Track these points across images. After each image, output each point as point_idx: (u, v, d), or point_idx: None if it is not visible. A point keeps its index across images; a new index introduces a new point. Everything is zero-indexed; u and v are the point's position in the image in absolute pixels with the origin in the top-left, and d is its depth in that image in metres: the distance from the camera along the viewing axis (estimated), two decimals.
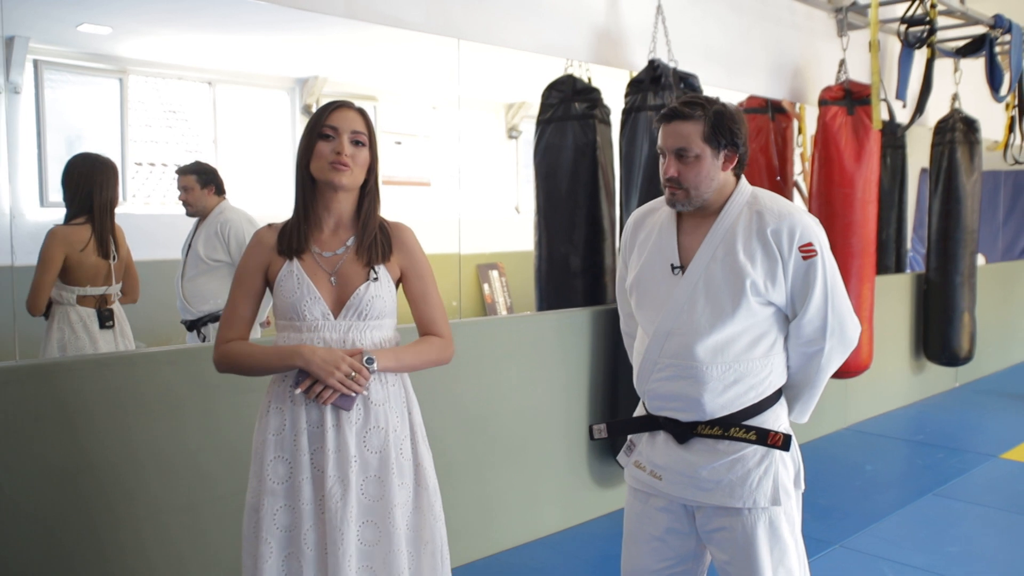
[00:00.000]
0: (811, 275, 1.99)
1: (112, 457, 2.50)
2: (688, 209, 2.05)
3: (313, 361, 1.89)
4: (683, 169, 2.00)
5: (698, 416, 2.02)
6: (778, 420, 2.06)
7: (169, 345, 3.26)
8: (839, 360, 2.09)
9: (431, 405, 3.28)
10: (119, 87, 7.05)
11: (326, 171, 1.96)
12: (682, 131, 1.99)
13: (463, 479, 3.39)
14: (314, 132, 1.97)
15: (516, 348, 3.62)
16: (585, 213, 3.95)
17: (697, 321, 2.00)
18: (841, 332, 2.05)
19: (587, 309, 3.88)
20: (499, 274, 9.30)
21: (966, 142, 5.97)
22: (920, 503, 4.14)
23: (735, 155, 2.04)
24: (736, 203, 2.04)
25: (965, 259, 6.04)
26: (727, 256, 2.00)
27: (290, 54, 7.23)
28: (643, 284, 2.11)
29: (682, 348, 2.01)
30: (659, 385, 2.06)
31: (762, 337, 2.03)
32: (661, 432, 2.09)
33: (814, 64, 5.15)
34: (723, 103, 2.05)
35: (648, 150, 3.66)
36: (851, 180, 4.74)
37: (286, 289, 1.95)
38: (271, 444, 1.95)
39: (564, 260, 3.97)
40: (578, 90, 3.97)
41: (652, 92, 3.68)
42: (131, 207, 7.05)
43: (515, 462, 3.59)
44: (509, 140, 9.44)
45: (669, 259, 2.07)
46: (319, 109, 2.02)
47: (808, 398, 2.14)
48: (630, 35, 4.09)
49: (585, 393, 3.86)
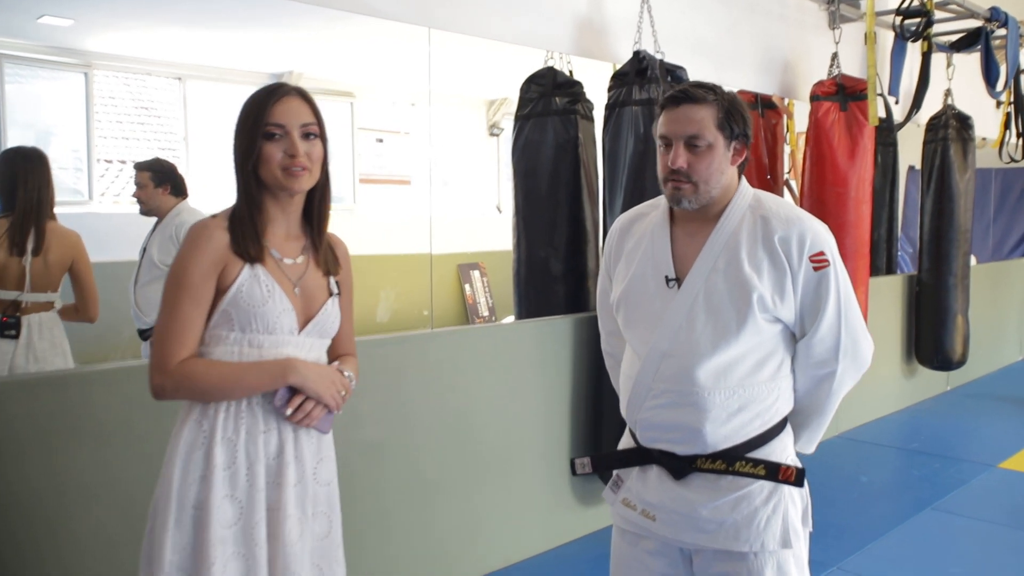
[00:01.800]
0: (823, 288, 1.76)
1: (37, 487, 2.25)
2: (694, 207, 1.80)
3: (310, 377, 1.70)
4: (693, 160, 1.76)
5: (698, 449, 1.78)
6: (785, 451, 1.84)
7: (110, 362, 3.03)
8: (851, 383, 1.87)
9: (404, 421, 3.07)
10: (84, 82, 6.79)
11: (280, 178, 1.70)
12: (694, 115, 1.76)
13: (438, 499, 3.16)
14: (256, 131, 1.69)
15: (494, 359, 3.39)
16: (567, 214, 3.73)
17: (697, 341, 1.76)
18: (855, 352, 1.83)
19: (569, 317, 3.66)
20: (480, 274, 9.08)
21: (959, 139, 5.78)
22: (919, 518, 3.94)
23: (744, 148, 1.81)
24: (738, 206, 1.81)
25: (958, 260, 5.85)
26: (730, 267, 1.76)
27: (263, 49, 7.00)
28: (632, 299, 1.87)
29: (680, 372, 1.77)
30: (653, 414, 1.82)
31: (768, 358, 1.80)
32: (654, 466, 1.85)
33: (805, 58, 4.95)
34: (731, 92, 1.82)
35: (634, 147, 3.44)
36: (844, 179, 4.54)
37: (252, 297, 1.67)
38: (218, 482, 1.64)
39: (544, 264, 3.74)
40: (559, 83, 3.74)
41: (638, 85, 3.46)
42: (98, 206, 6.80)
43: (494, 481, 3.36)
44: (490, 137, 9.23)
45: (662, 270, 1.83)
46: (254, 98, 1.71)
47: (817, 426, 1.91)
48: (614, 26, 3.86)
49: (567, 406, 3.63)
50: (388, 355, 3.00)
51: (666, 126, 1.81)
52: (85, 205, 6.88)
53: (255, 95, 1.72)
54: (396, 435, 3.02)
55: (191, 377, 1.65)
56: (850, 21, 4.98)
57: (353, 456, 2.88)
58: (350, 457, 2.85)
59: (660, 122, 1.83)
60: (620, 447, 1.96)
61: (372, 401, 2.94)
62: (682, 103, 1.79)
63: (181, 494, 1.64)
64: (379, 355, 2.96)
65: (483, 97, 9.06)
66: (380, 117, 8.59)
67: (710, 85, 1.82)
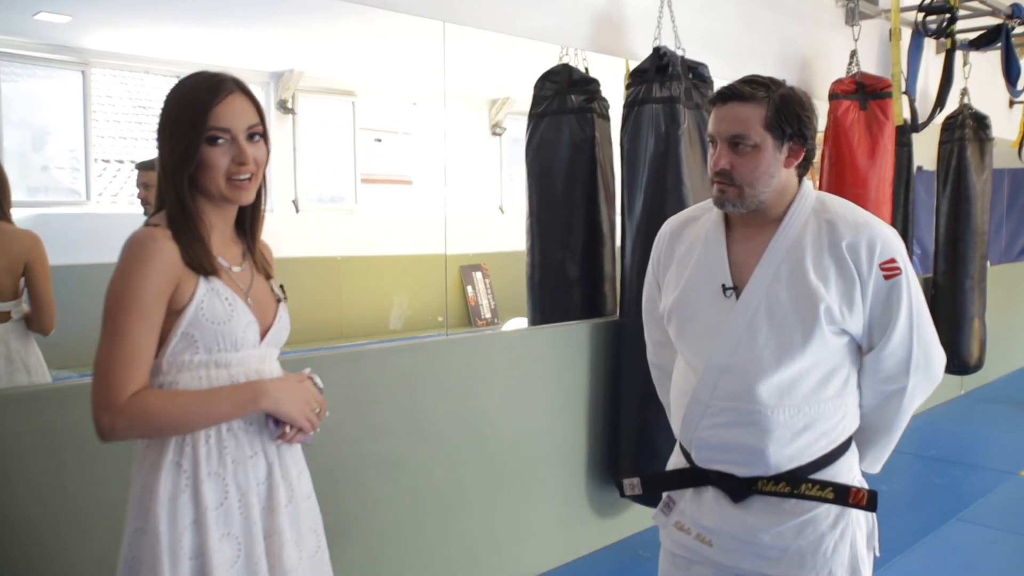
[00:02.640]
0: (894, 298, 1.64)
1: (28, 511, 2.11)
2: (740, 211, 1.68)
3: (282, 400, 1.53)
4: (737, 161, 1.64)
5: (760, 470, 1.66)
6: (851, 471, 1.71)
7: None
8: (922, 399, 1.74)
9: (414, 431, 2.94)
10: (82, 80, 6.66)
11: (223, 188, 1.51)
12: (739, 114, 1.64)
13: (451, 512, 3.03)
14: (195, 134, 1.48)
15: (508, 366, 3.26)
16: (583, 215, 3.60)
17: (759, 355, 1.64)
18: (927, 366, 1.70)
19: (586, 322, 3.53)
20: (483, 275, 8.97)
21: (976, 139, 5.66)
22: (945, 530, 3.82)
23: (801, 149, 1.68)
24: (801, 210, 1.68)
25: (975, 262, 5.73)
26: (793, 275, 1.64)
27: (264, 47, 6.89)
28: (686, 309, 1.75)
29: (740, 388, 1.65)
30: (711, 433, 1.69)
31: (834, 373, 1.67)
32: (710, 488, 1.73)
33: (822, 55, 4.83)
34: (791, 86, 1.69)
35: (654, 147, 3.31)
36: (864, 179, 4.42)
37: (215, 314, 1.49)
38: (212, 524, 1.47)
39: (560, 267, 3.61)
40: (574, 81, 3.62)
41: (658, 83, 3.33)
42: (96, 206, 6.68)
43: (509, 492, 3.24)
44: (493, 137, 9.11)
45: (719, 278, 1.70)
46: (191, 94, 1.49)
47: (884, 444, 1.79)
48: (632, 22, 3.74)
49: (584, 415, 3.50)
50: (401, 363, 2.87)
51: (712, 125, 1.70)
52: (83, 205, 6.76)
53: (191, 90, 1.50)
54: (410, 447, 2.90)
55: (148, 413, 1.43)
56: (868, 18, 4.87)
57: (366, 469, 2.76)
58: (363, 470, 2.74)
59: (710, 120, 1.72)
60: (671, 466, 1.84)
61: (385, 412, 2.82)
62: (728, 101, 1.67)
63: (173, 546, 1.44)
64: (391, 363, 2.84)
65: (486, 96, 8.94)
66: (381, 116, 8.48)
67: (764, 80, 1.69)
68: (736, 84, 1.69)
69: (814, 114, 1.71)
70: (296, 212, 7.55)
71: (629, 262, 3.47)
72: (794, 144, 1.67)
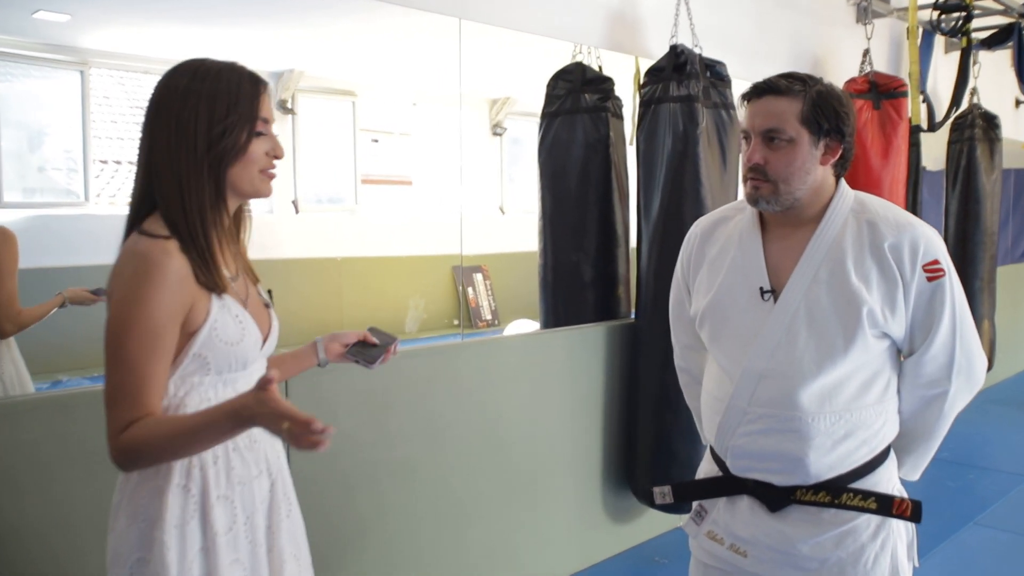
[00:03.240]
0: (937, 300, 1.59)
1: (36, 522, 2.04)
2: (774, 209, 1.62)
3: (261, 414, 1.26)
4: (771, 156, 1.59)
5: (799, 479, 1.61)
6: (891, 480, 1.67)
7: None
8: (963, 404, 1.69)
9: (425, 436, 2.88)
10: (80, 80, 6.59)
11: (257, 182, 1.42)
12: (774, 108, 1.59)
13: (466, 518, 2.97)
14: (246, 125, 1.38)
15: (522, 370, 3.20)
16: (597, 216, 3.54)
17: (799, 360, 1.58)
18: (969, 370, 1.65)
19: (601, 325, 3.47)
20: (483, 277, 8.90)
21: (986, 139, 5.62)
22: (963, 535, 3.77)
23: (839, 146, 1.62)
24: (839, 210, 1.63)
25: (985, 263, 5.70)
26: (834, 277, 1.58)
27: (264, 46, 6.82)
28: (721, 312, 1.69)
29: (780, 395, 1.60)
30: (748, 441, 1.64)
31: (875, 378, 1.62)
32: (744, 497, 1.67)
33: (834, 54, 4.78)
34: (828, 82, 1.64)
35: (672, 146, 3.25)
36: (878, 180, 4.37)
37: (228, 334, 1.39)
38: (223, 550, 1.38)
39: (574, 269, 3.55)
40: (588, 79, 3.55)
41: (675, 81, 3.27)
42: (94, 207, 6.61)
43: (524, 498, 3.18)
44: (493, 137, 9.04)
45: (755, 281, 1.64)
46: (234, 82, 1.39)
47: (924, 451, 1.74)
48: (646, 19, 3.68)
49: (599, 419, 3.44)
50: (418, 368, 2.81)
51: (746, 120, 1.65)
52: (81, 207, 6.68)
53: (232, 76, 1.39)
54: (426, 452, 2.84)
55: (139, 447, 1.30)
56: (880, 16, 4.82)
57: (383, 476, 2.70)
58: (380, 477, 2.68)
59: (743, 115, 1.66)
60: (703, 474, 1.79)
61: (402, 417, 2.76)
62: (763, 95, 1.63)
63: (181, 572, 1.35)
64: (408, 368, 2.77)
65: (486, 96, 8.88)
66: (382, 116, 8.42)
67: (801, 76, 1.65)
68: (771, 78, 1.65)
69: (852, 111, 1.67)
70: (296, 213, 7.48)
71: (645, 264, 3.41)
72: (831, 141, 1.62)
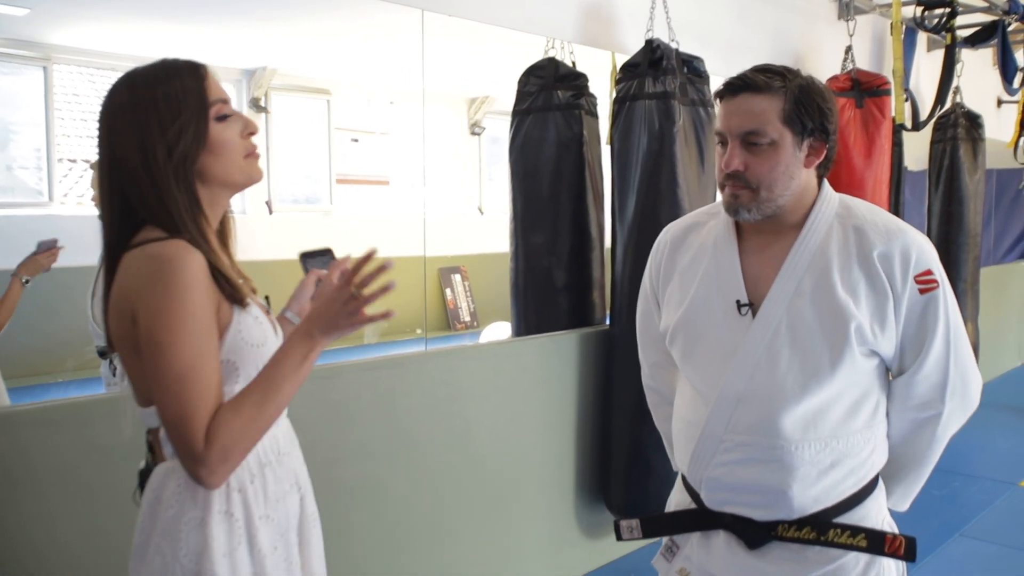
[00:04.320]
0: (930, 315, 1.45)
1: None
2: (755, 219, 1.47)
3: (329, 329, 1.29)
4: (752, 161, 1.44)
5: (781, 514, 1.46)
6: (880, 511, 1.53)
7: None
8: (957, 426, 1.55)
9: (395, 453, 2.72)
10: (43, 76, 6.39)
11: (243, 166, 1.34)
12: (753, 107, 1.44)
13: (434, 536, 2.82)
14: (200, 116, 1.29)
15: (493, 380, 3.05)
16: (570, 218, 3.39)
17: (780, 382, 1.43)
18: (963, 390, 1.51)
19: (574, 332, 3.32)
20: (462, 278, 8.76)
21: (969, 139, 5.52)
22: (949, 547, 3.65)
23: (823, 146, 1.48)
24: (823, 214, 1.48)
25: (968, 265, 5.60)
26: (819, 289, 1.44)
27: (237, 44, 6.66)
28: (694, 328, 1.54)
29: (760, 420, 1.45)
30: (724, 472, 1.48)
31: (863, 401, 1.48)
32: (720, 532, 1.52)
33: (816, 51, 4.66)
34: (809, 75, 1.50)
35: (647, 145, 3.11)
36: (861, 180, 4.25)
37: (251, 334, 1.32)
38: (271, 572, 1.33)
39: (546, 274, 3.40)
40: (561, 76, 3.40)
41: (651, 78, 3.13)
42: (60, 207, 6.43)
43: (492, 514, 3.03)
44: (472, 137, 8.91)
45: (732, 293, 1.49)
46: (173, 75, 1.30)
47: (915, 479, 1.60)
48: (621, 13, 3.54)
49: (573, 430, 3.30)
50: (380, 379, 2.65)
51: (721, 120, 1.49)
52: (46, 207, 6.50)
53: (168, 75, 1.30)
54: (389, 469, 2.68)
55: (234, 438, 1.23)
56: (862, 13, 4.70)
57: (343, 495, 2.54)
58: (340, 496, 2.52)
59: (717, 116, 1.51)
60: (674, 505, 1.63)
61: (363, 432, 2.60)
62: (740, 92, 1.47)
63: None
64: (370, 379, 2.61)
65: (464, 95, 8.74)
66: (358, 115, 8.28)
67: (779, 69, 1.49)
68: (747, 73, 1.48)
69: (836, 108, 1.52)
70: (270, 213, 7.33)
71: (620, 268, 3.27)
72: (815, 141, 1.48)
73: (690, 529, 1.57)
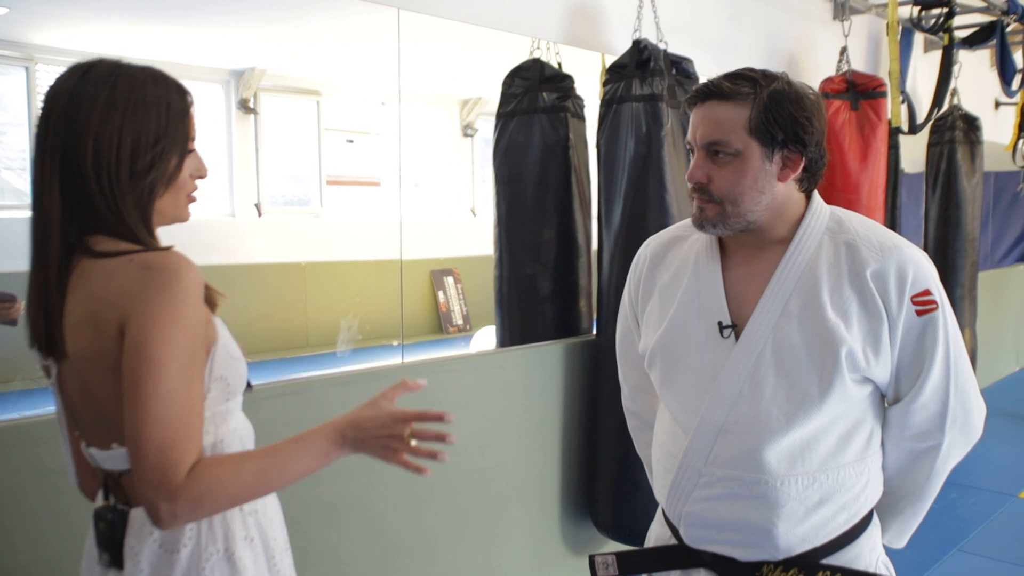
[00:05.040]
0: (928, 338, 1.35)
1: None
2: (723, 233, 1.38)
3: (362, 440, 1.25)
4: (716, 172, 1.35)
5: (766, 554, 1.36)
6: (874, 550, 1.43)
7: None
8: (958, 458, 1.46)
9: (365, 470, 2.60)
10: (26, 76, 6.29)
11: (182, 207, 1.28)
12: (717, 115, 1.35)
13: (406, 558, 2.71)
14: (178, 149, 1.23)
15: (474, 392, 2.94)
16: (556, 225, 3.28)
17: (765, 411, 1.33)
18: (965, 420, 1.42)
19: (560, 342, 3.22)
20: (455, 280, 8.66)
21: (967, 142, 5.41)
22: (947, 563, 3.55)
23: (799, 158, 1.37)
24: (812, 229, 1.38)
25: (966, 270, 5.50)
26: (807, 310, 1.34)
27: (224, 43, 6.56)
28: (673, 351, 1.43)
29: (743, 453, 1.35)
30: (705, 508, 1.38)
31: (855, 431, 1.38)
32: (701, 571, 1.42)
33: (810, 52, 4.55)
34: (787, 80, 1.39)
35: (634, 149, 3.01)
36: (856, 184, 4.15)
37: (231, 348, 1.26)
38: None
39: (531, 282, 3.29)
40: (546, 77, 3.29)
41: (639, 79, 3.02)
42: None
43: (474, 532, 2.92)
44: (464, 138, 8.82)
45: (714, 314, 1.39)
46: (173, 93, 1.24)
47: (913, 513, 1.50)
48: (609, 12, 3.43)
49: (558, 445, 3.19)
50: (352, 395, 2.54)
51: (690, 129, 1.41)
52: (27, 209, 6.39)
53: (158, 92, 1.23)
54: (361, 488, 2.57)
55: (216, 490, 1.13)
56: (858, 13, 4.60)
57: (308, 517, 2.42)
58: (305, 519, 2.40)
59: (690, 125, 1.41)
60: (654, 539, 1.53)
61: None
62: (707, 99, 1.38)
63: None
64: (340, 396, 2.50)
65: (456, 96, 8.65)
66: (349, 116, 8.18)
67: (753, 74, 1.39)
68: (716, 79, 1.40)
69: (817, 114, 1.40)
70: (259, 216, 7.23)
71: (607, 276, 3.16)
72: (789, 152, 1.37)
73: (669, 567, 1.47)
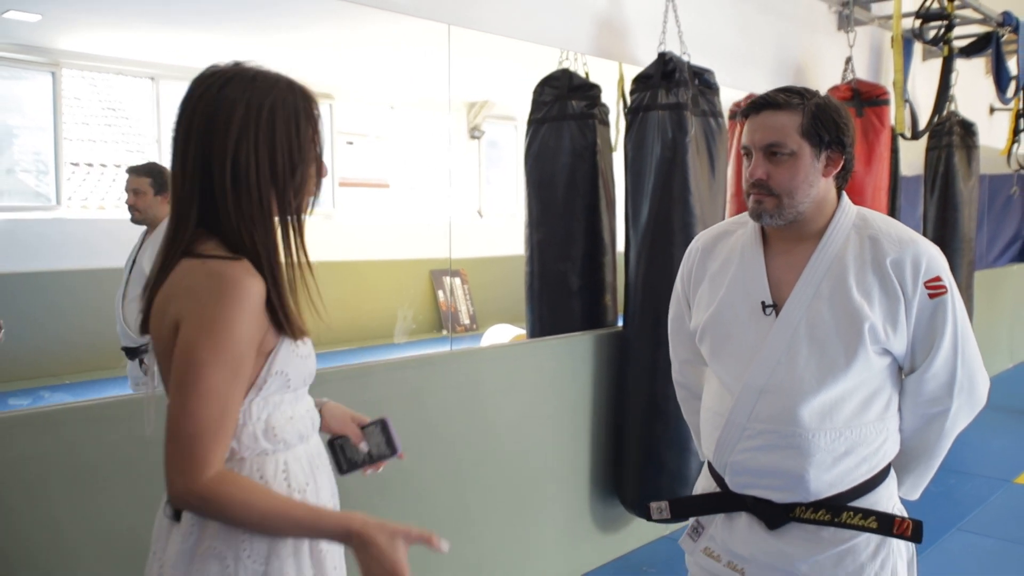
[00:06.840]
0: (939, 318, 1.59)
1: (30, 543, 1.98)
2: (778, 224, 1.62)
3: (372, 555, 1.32)
4: (774, 170, 1.59)
5: (799, 496, 1.60)
6: (891, 498, 1.66)
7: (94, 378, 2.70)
8: (965, 423, 1.70)
9: (419, 449, 2.83)
10: (52, 81, 6.47)
11: (310, 205, 1.37)
12: (774, 122, 1.59)
13: (450, 530, 2.92)
14: (314, 158, 1.34)
15: (510, 380, 3.16)
16: (584, 225, 3.52)
17: (800, 376, 1.58)
18: (971, 388, 1.67)
19: (589, 333, 3.45)
20: (461, 281, 8.85)
21: (963, 146, 5.67)
22: (947, 541, 3.79)
23: (840, 158, 1.63)
24: (842, 225, 1.63)
25: (963, 270, 5.75)
26: (836, 293, 1.59)
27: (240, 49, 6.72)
28: (721, 327, 1.68)
29: (780, 410, 1.59)
30: (748, 457, 1.63)
31: (876, 395, 1.62)
32: (743, 513, 1.66)
33: (817, 61, 4.80)
34: (826, 95, 1.65)
35: (660, 154, 3.24)
36: (861, 188, 4.38)
37: (299, 347, 1.34)
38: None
39: (561, 278, 3.52)
40: (575, 86, 3.53)
41: (664, 89, 3.26)
42: (66, 211, 6.50)
43: (509, 509, 3.14)
44: (471, 140, 9.03)
45: (757, 295, 1.64)
46: (303, 99, 1.34)
47: (925, 469, 1.75)
48: (633, 25, 3.67)
49: (587, 428, 3.42)
50: (409, 378, 2.77)
51: (747, 135, 1.65)
52: (52, 211, 6.57)
53: (291, 100, 1.32)
54: (415, 465, 2.79)
55: (226, 504, 1.21)
56: (861, 24, 4.85)
57: (372, 490, 2.65)
58: (369, 491, 2.63)
59: (744, 132, 1.66)
60: (700, 490, 1.77)
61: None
62: (762, 110, 1.63)
63: None
64: (399, 378, 2.73)
65: (463, 99, 8.86)
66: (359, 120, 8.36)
67: (798, 89, 1.65)
68: (769, 93, 1.65)
69: (851, 123, 1.67)
70: None
71: (633, 272, 3.39)
72: (832, 152, 1.62)
73: (715, 511, 1.71)
